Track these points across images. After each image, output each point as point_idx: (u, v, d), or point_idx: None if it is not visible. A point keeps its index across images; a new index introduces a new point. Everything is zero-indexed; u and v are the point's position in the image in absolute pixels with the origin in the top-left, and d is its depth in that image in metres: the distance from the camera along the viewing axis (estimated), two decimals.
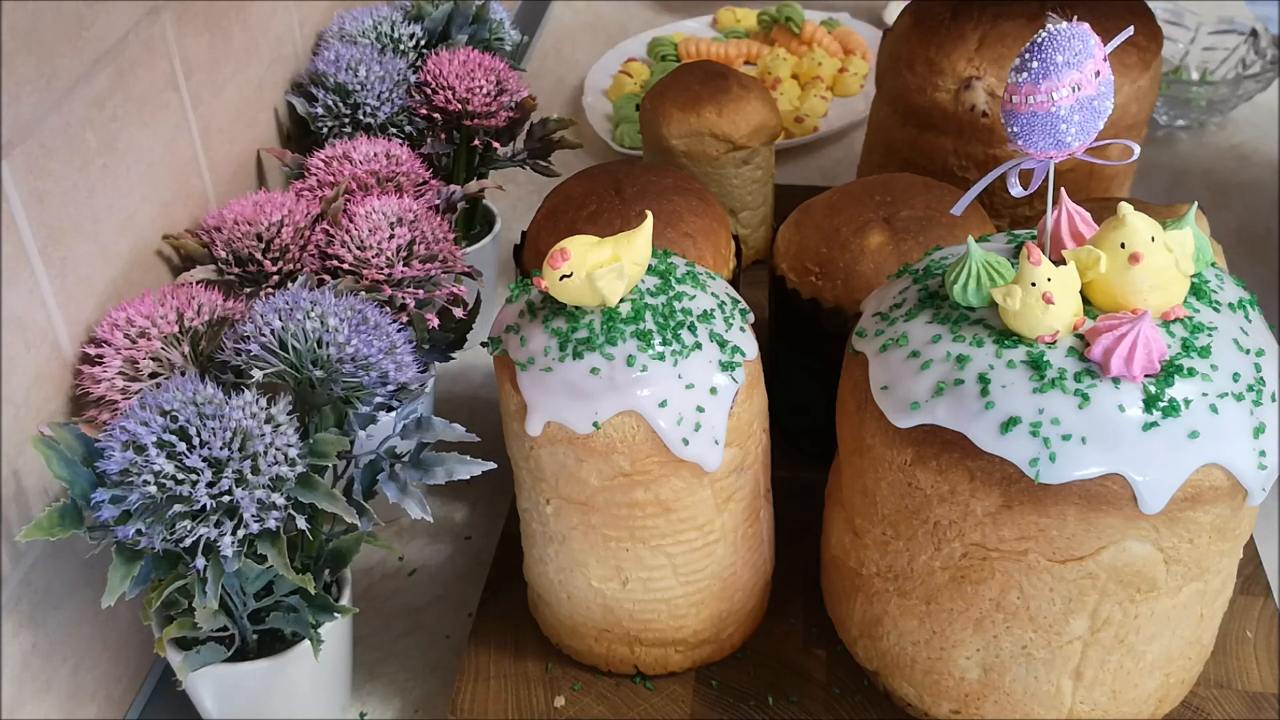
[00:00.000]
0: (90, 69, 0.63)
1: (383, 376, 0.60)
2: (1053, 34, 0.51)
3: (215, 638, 0.60)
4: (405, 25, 0.92)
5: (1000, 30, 0.84)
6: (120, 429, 0.53)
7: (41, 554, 0.60)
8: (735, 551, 0.63)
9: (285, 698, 0.62)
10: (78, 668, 0.64)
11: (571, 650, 0.67)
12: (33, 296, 0.58)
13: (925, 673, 0.61)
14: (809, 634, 0.68)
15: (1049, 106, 0.51)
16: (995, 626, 0.58)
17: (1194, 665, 0.62)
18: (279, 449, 0.54)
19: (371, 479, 0.60)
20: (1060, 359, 0.53)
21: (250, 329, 0.60)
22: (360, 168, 0.76)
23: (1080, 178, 0.87)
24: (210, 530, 0.52)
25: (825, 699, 0.65)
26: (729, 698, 0.65)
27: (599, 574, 0.62)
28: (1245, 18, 1.22)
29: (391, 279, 0.69)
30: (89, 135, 0.63)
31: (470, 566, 0.77)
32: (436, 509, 0.80)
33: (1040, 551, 0.54)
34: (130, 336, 0.61)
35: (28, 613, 0.59)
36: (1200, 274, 0.57)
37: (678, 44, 1.35)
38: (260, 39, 0.84)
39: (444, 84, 0.85)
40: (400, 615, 0.74)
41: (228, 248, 0.69)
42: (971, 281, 0.56)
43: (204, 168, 0.76)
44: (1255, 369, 0.54)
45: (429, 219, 0.72)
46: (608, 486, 0.58)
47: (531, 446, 0.59)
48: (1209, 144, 1.16)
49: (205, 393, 0.54)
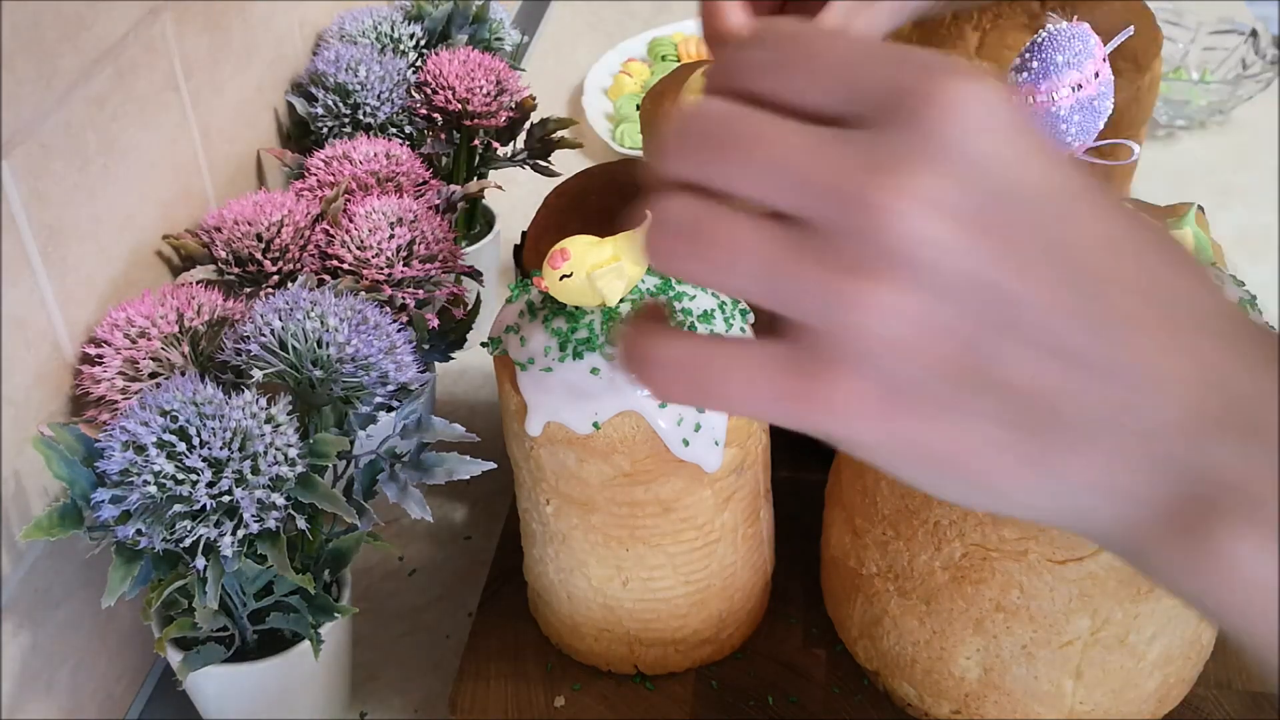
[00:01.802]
0: (90, 69, 0.63)
1: (383, 376, 0.60)
2: (1053, 34, 0.51)
3: (215, 638, 0.60)
4: (405, 25, 0.92)
5: (1000, 30, 0.84)
6: (120, 429, 0.53)
7: (41, 554, 0.60)
8: (735, 551, 0.63)
9: (285, 698, 0.62)
10: (78, 668, 0.64)
11: (571, 650, 0.67)
12: (33, 296, 0.58)
13: (925, 673, 0.61)
14: (809, 634, 0.68)
15: (1049, 106, 0.51)
16: (996, 626, 0.58)
17: (1194, 665, 0.62)
18: (279, 449, 0.54)
19: (371, 479, 0.60)
20: None
21: (250, 329, 0.60)
22: (360, 168, 0.76)
23: None
24: (210, 530, 0.52)
25: (825, 699, 0.65)
26: (729, 698, 0.65)
27: (599, 574, 0.62)
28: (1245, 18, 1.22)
29: (391, 279, 0.69)
30: (89, 135, 0.63)
31: (470, 566, 0.77)
32: (436, 509, 0.80)
33: (1041, 551, 0.54)
34: (130, 336, 0.61)
35: (28, 613, 0.59)
36: None
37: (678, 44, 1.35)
38: (260, 39, 0.84)
39: (444, 84, 0.85)
40: (400, 615, 0.74)
41: (228, 248, 0.69)
42: None
43: (204, 168, 0.76)
44: None
45: (429, 219, 0.72)
46: (608, 486, 0.58)
47: (531, 446, 0.59)
48: (1209, 144, 1.16)
49: (205, 393, 0.54)
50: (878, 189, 0.29)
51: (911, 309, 0.29)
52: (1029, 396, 0.30)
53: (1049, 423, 0.31)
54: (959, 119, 0.29)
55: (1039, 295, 0.29)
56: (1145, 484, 0.31)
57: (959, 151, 0.29)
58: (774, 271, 0.30)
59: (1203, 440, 0.31)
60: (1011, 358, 0.30)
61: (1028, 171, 0.30)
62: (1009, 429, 0.31)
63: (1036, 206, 0.30)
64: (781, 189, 0.30)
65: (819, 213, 0.29)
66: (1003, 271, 0.29)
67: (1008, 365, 0.30)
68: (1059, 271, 0.30)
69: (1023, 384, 0.30)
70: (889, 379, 0.30)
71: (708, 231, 0.31)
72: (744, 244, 0.30)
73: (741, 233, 0.30)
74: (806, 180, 0.30)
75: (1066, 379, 0.30)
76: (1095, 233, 0.30)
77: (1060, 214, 0.30)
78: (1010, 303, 0.29)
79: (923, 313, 0.29)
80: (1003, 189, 0.29)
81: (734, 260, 0.31)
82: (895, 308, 0.29)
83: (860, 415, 0.31)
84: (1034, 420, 0.31)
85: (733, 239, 0.31)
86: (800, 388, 0.31)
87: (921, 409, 0.31)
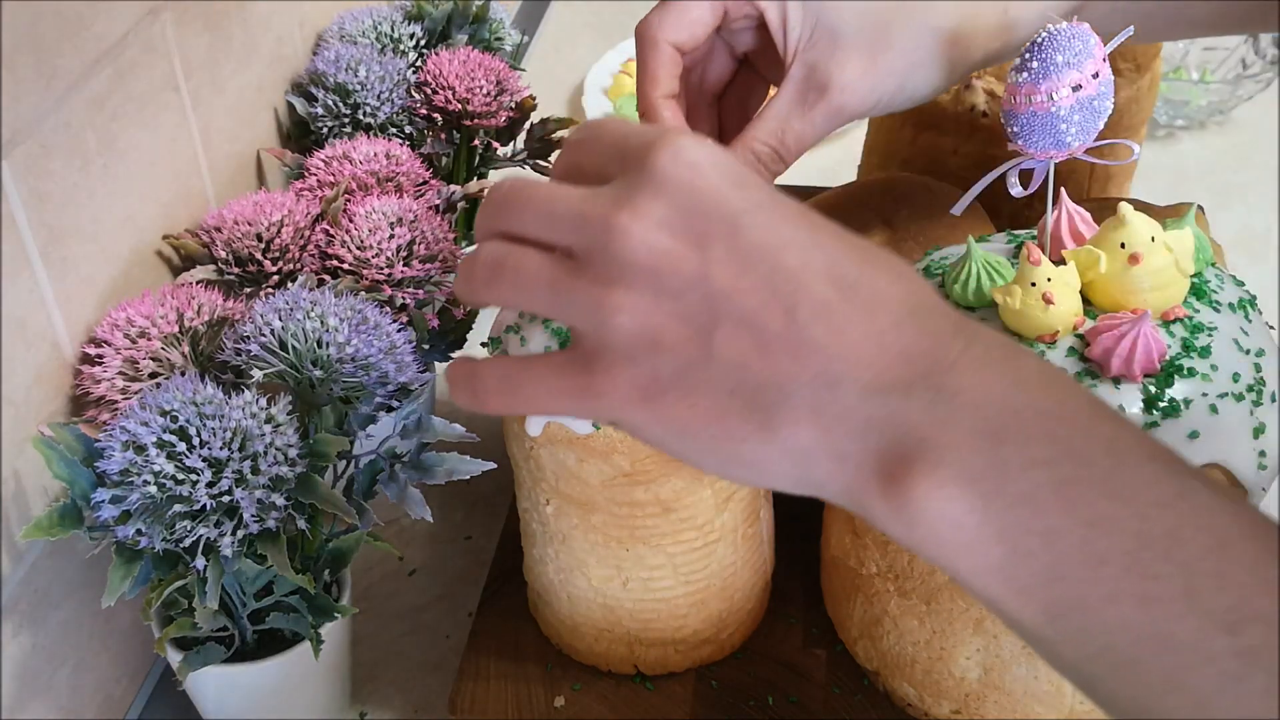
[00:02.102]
0: (90, 69, 0.63)
1: (383, 376, 0.60)
2: (1053, 34, 0.51)
3: (215, 638, 0.60)
4: (405, 25, 0.92)
5: None
6: (120, 429, 0.53)
7: (41, 554, 0.60)
8: (735, 551, 0.63)
9: (285, 698, 0.62)
10: (78, 668, 0.64)
11: (571, 650, 0.67)
12: (33, 296, 0.58)
13: (925, 673, 0.61)
14: (809, 634, 0.68)
15: (1049, 106, 0.51)
16: (996, 626, 0.58)
17: None
18: (279, 449, 0.54)
19: (371, 479, 0.60)
20: (1060, 359, 0.53)
21: (250, 329, 0.60)
22: (360, 168, 0.76)
23: (1080, 178, 0.87)
24: (210, 530, 0.52)
25: (825, 699, 0.65)
26: (729, 698, 0.65)
27: (599, 574, 0.62)
28: None
29: (391, 279, 0.69)
30: (89, 135, 0.63)
31: (470, 566, 0.77)
32: (436, 509, 0.80)
33: None
34: (130, 336, 0.61)
35: (28, 613, 0.59)
36: (1200, 274, 0.57)
37: None
38: (260, 39, 0.84)
39: (444, 84, 0.85)
40: (400, 615, 0.74)
41: (228, 248, 0.69)
42: (971, 281, 0.56)
43: (204, 168, 0.76)
44: (1255, 369, 0.54)
45: (429, 219, 0.72)
46: (608, 486, 0.58)
47: (531, 446, 0.59)
48: (1209, 144, 1.16)
49: (205, 393, 0.54)
50: (614, 214, 0.37)
51: (645, 307, 0.37)
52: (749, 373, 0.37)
53: (771, 396, 0.37)
54: (673, 159, 0.37)
55: (743, 289, 0.37)
56: (853, 445, 0.37)
57: (674, 182, 0.37)
58: (552, 289, 0.38)
59: (891, 401, 0.37)
60: (729, 342, 0.37)
61: (731, 192, 0.38)
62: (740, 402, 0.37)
63: (738, 219, 0.37)
64: (553, 227, 0.39)
65: (578, 241, 0.38)
66: (712, 272, 0.37)
67: (728, 349, 0.37)
68: (759, 269, 0.37)
69: (742, 363, 0.37)
70: (645, 368, 0.37)
71: (504, 264, 0.39)
72: (529, 271, 0.39)
73: (528, 262, 0.39)
74: (567, 217, 0.38)
75: (774, 357, 0.37)
76: (787, 237, 0.37)
77: (757, 223, 0.37)
78: (721, 296, 0.37)
79: (655, 309, 0.37)
80: (710, 207, 0.37)
81: (522, 284, 0.39)
82: (633, 307, 0.37)
83: (626, 401, 0.38)
84: (758, 395, 0.37)
85: (521, 268, 0.39)
86: (580, 384, 0.39)
87: (674, 391, 0.38)
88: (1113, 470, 0.36)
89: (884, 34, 0.57)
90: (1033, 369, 0.38)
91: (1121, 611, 0.35)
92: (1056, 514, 0.35)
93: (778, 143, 0.58)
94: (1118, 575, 0.34)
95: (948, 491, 0.36)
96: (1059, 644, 0.36)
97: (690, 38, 0.58)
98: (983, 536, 0.36)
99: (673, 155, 0.37)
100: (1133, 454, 0.36)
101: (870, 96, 0.58)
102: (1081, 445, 0.36)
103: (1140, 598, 0.34)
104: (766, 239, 0.37)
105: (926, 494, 0.36)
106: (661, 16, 0.58)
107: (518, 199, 0.40)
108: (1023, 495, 0.35)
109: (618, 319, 0.37)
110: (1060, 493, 0.35)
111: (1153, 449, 0.37)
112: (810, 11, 0.57)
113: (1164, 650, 0.34)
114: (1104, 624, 0.35)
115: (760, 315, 0.37)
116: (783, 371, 0.37)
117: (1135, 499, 0.35)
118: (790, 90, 0.58)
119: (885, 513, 0.37)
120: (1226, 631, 0.33)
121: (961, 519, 0.36)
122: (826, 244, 0.38)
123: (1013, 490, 0.35)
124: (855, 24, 0.57)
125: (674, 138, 0.38)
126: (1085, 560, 0.35)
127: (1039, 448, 0.36)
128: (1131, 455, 0.36)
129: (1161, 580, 0.34)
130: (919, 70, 0.58)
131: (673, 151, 0.37)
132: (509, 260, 0.39)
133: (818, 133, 0.58)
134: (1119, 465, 0.36)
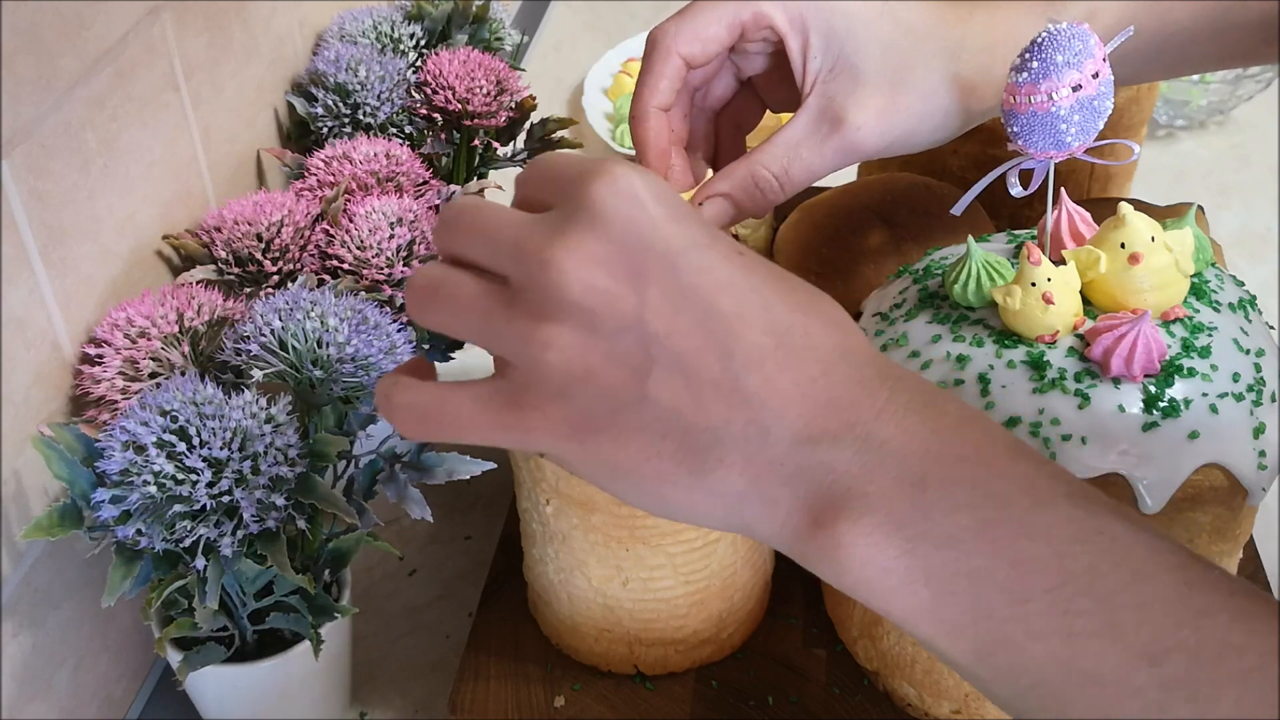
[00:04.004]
0: (90, 69, 0.63)
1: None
2: (1053, 34, 0.51)
3: (215, 638, 0.60)
4: (405, 25, 0.92)
5: None
6: (120, 429, 0.53)
7: (41, 554, 0.60)
8: (735, 551, 0.63)
9: (285, 698, 0.62)
10: (78, 668, 0.64)
11: (571, 650, 0.67)
12: (33, 296, 0.58)
13: (925, 672, 0.61)
14: (809, 634, 0.68)
15: (1049, 106, 0.51)
16: None
17: None
18: (279, 449, 0.54)
19: (371, 479, 0.60)
20: (1060, 359, 0.53)
21: (250, 329, 0.60)
22: (360, 168, 0.76)
23: (1080, 178, 0.87)
24: (210, 530, 0.52)
25: (825, 699, 0.65)
26: (729, 698, 0.65)
27: (599, 574, 0.62)
28: None
29: (391, 279, 0.69)
30: (89, 135, 0.63)
31: (470, 566, 0.77)
32: (436, 509, 0.80)
33: None
34: (130, 336, 0.61)
35: (28, 613, 0.59)
36: (1200, 274, 0.57)
37: None
38: (260, 39, 0.84)
39: (444, 84, 0.85)
40: (400, 615, 0.74)
41: (228, 248, 0.69)
42: (971, 281, 0.56)
43: (204, 168, 0.76)
44: (1255, 369, 0.54)
45: (429, 219, 0.72)
46: None
47: None
48: (1209, 144, 1.16)
49: (205, 393, 0.54)
50: (548, 247, 0.36)
51: (578, 345, 0.36)
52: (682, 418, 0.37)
53: (704, 440, 0.37)
54: (610, 193, 0.37)
55: (678, 331, 0.36)
56: (783, 491, 0.37)
57: (610, 214, 0.36)
58: (484, 319, 0.38)
59: (819, 449, 0.37)
60: (663, 386, 0.37)
61: (668, 227, 0.37)
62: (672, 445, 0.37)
63: (675, 258, 0.37)
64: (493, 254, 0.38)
65: (513, 271, 0.37)
66: (648, 316, 0.36)
67: (662, 393, 0.37)
68: (693, 312, 0.36)
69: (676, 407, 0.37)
70: (577, 405, 0.37)
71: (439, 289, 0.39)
72: (463, 299, 0.38)
73: (465, 289, 0.38)
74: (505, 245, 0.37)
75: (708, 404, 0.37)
76: (723, 278, 0.37)
77: (693, 264, 0.37)
78: (656, 340, 0.36)
79: (589, 349, 0.36)
80: (647, 243, 0.36)
81: (456, 310, 0.38)
82: (565, 344, 0.36)
83: (557, 437, 0.37)
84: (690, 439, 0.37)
85: (456, 294, 0.38)
86: (508, 419, 0.38)
87: (607, 431, 0.37)
88: (1031, 510, 0.36)
89: (906, 76, 0.57)
90: (953, 414, 0.38)
91: (1048, 647, 0.35)
92: (980, 555, 0.36)
93: (781, 170, 0.57)
94: (1042, 612, 0.35)
95: (874, 538, 0.36)
96: (991, 682, 0.37)
97: (702, 53, 0.57)
98: (911, 579, 0.36)
99: (610, 185, 0.37)
100: (1049, 492, 0.37)
101: (884, 138, 0.57)
102: (1001, 487, 0.37)
103: (1064, 634, 0.35)
104: (703, 281, 0.37)
105: (854, 540, 0.37)
106: (678, 26, 0.57)
107: (461, 222, 0.39)
108: (947, 538, 0.36)
109: (547, 355, 0.36)
110: (983, 534, 0.36)
111: (1069, 486, 0.37)
112: (834, 43, 0.56)
113: (1089, 684, 0.35)
114: (1032, 660, 0.35)
115: (695, 360, 0.36)
116: (716, 418, 0.37)
117: (1054, 537, 0.36)
118: (805, 120, 0.57)
119: (816, 557, 0.38)
120: (1149, 663, 0.34)
121: (890, 564, 0.36)
122: (761, 287, 0.38)
123: (938, 534, 0.36)
124: (878, 62, 0.56)
125: (611, 167, 0.37)
126: (1010, 599, 0.35)
127: (961, 492, 0.36)
128: (1048, 494, 0.37)
129: (1084, 616, 0.35)
130: (934, 117, 0.58)
131: (609, 180, 0.37)
132: (445, 286, 0.39)
133: (826, 167, 0.57)
134: (1037, 505, 0.36)
